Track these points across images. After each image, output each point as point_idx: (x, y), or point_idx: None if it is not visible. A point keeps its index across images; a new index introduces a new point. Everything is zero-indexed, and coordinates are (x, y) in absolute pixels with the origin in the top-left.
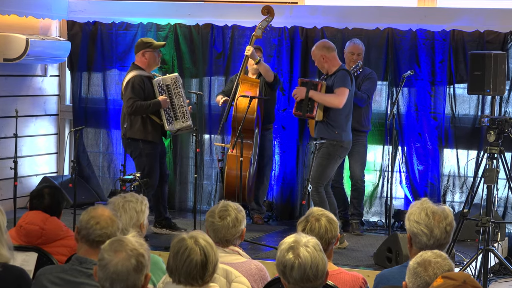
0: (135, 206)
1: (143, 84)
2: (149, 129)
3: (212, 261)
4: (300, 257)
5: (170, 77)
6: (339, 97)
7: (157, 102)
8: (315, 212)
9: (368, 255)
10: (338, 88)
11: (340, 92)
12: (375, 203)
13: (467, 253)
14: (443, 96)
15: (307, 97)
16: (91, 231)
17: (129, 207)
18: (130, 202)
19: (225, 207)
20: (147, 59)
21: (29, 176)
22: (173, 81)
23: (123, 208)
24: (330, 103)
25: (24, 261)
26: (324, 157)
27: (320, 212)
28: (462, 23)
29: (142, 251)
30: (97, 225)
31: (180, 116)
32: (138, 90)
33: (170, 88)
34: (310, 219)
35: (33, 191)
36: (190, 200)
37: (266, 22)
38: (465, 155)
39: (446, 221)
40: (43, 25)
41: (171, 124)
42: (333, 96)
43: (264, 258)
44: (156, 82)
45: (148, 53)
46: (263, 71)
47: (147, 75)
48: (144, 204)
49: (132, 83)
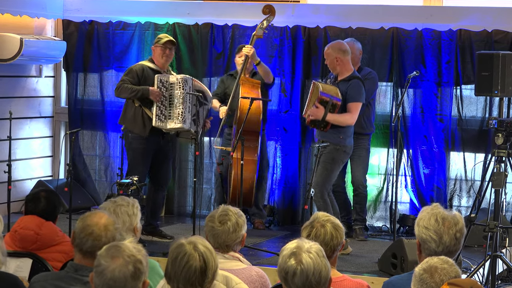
0: (127, 210)
1: (142, 72)
2: (138, 121)
3: (212, 267)
4: (303, 263)
5: (177, 76)
6: (353, 115)
7: (145, 89)
8: (321, 217)
9: (373, 262)
10: (353, 103)
11: (354, 108)
12: (379, 208)
13: (475, 259)
14: (449, 97)
15: (323, 119)
16: (84, 241)
17: (121, 212)
18: (121, 206)
19: (225, 212)
20: (155, 54)
21: (24, 180)
22: (179, 81)
23: (114, 213)
24: (345, 123)
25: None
26: (329, 161)
27: (325, 218)
28: (469, 22)
29: (140, 257)
30: (89, 236)
31: (174, 117)
32: (133, 75)
33: (173, 87)
34: (315, 224)
35: (29, 194)
36: (189, 204)
37: (267, 22)
38: (472, 158)
39: (456, 227)
40: (38, 24)
41: (160, 121)
42: (347, 116)
43: (265, 264)
44: (158, 77)
45: (155, 48)
46: (263, 73)
47: (155, 68)
48: (135, 207)
49: (131, 68)
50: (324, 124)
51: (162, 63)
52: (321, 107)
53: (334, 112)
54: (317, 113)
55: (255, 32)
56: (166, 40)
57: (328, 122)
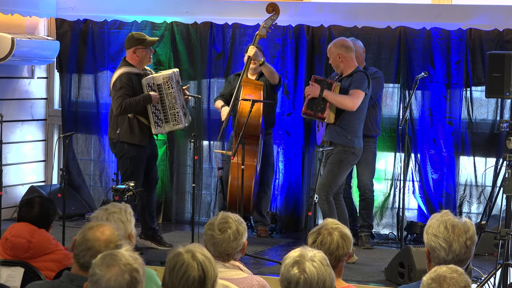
0: (120, 217)
1: (131, 82)
2: (136, 131)
3: (211, 277)
4: (306, 272)
5: (163, 75)
6: (353, 99)
7: (147, 97)
8: (329, 224)
9: (379, 270)
10: (354, 89)
11: (355, 94)
12: (386, 215)
13: (485, 268)
14: (459, 99)
15: (320, 96)
16: (81, 255)
17: (114, 219)
18: (114, 213)
19: (225, 219)
20: (138, 57)
21: (15, 185)
22: (165, 80)
23: (107, 221)
24: (344, 104)
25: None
26: (336, 163)
27: (334, 226)
28: (480, 21)
29: (137, 266)
30: (88, 250)
31: (170, 119)
32: (126, 88)
33: (161, 88)
34: (323, 231)
35: (23, 200)
36: (188, 211)
37: (271, 21)
38: (483, 163)
39: (466, 235)
40: (30, 23)
41: (159, 127)
42: (347, 98)
43: (267, 273)
44: (145, 81)
45: (140, 51)
46: (267, 73)
47: (136, 72)
48: (128, 213)
49: (119, 81)
50: (322, 107)
51: (144, 66)
52: (316, 85)
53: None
54: (313, 90)
55: (258, 32)
56: (153, 40)
57: (325, 104)
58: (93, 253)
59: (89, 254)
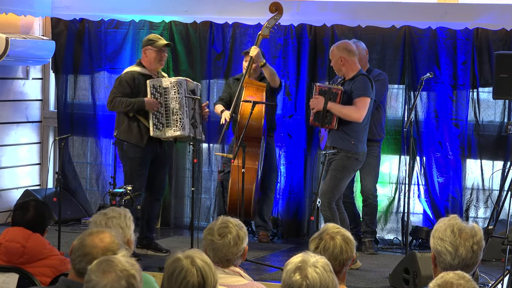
0: (120, 222)
1: (133, 81)
2: (134, 131)
3: (211, 283)
4: (308, 279)
5: (170, 80)
6: (359, 110)
7: (140, 101)
8: (331, 229)
9: (383, 277)
10: (359, 97)
11: (361, 104)
12: (390, 219)
13: (492, 274)
14: (465, 101)
15: (325, 109)
16: (77, 261)
17: (113, 224)
18: (113, 218)
19: (225, 224)
20: (147, 57)
21: (10, 189)
22: (173, 84)
23: (106, 226)
24: (350, 117)
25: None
26: (339, 169)
27: (336, 230)
28: (487, 20)
29: (133, 272)
30: (84, 257)
31: (172, 124)
32: (124, 86)
33: (168, 92)
34: (324, 236)
35: (18, 203)
36: (187, 216)
37: (274, 21)
38: (490, 166)
39: (473, 239)
40: (25, 22)
41: (158, 131)
42: (353, 109)
43: (268, 279)
44: (150, 83)
45: (149, 51)
46: (268, 75)
47: (145, 73)
48: (128, 218)
49: (120, 78)
50: (329, 119)
51: (154, 68)
52: (320, 97)
53: (336, 102)
54: (317, 104)
55: (261, 32)
56: (163, 43)
57: (332, 116)
58: (89, 260)
59: (85, 261)
